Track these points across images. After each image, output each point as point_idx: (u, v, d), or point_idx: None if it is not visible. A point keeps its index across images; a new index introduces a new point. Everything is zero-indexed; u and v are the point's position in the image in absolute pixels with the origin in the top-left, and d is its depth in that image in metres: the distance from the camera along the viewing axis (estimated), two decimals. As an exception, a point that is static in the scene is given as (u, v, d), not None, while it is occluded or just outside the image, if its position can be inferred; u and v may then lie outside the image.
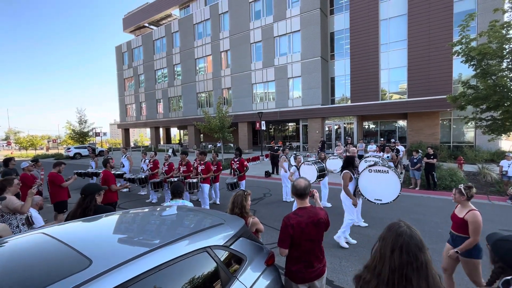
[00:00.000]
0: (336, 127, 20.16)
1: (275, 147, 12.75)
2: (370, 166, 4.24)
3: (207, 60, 26.80)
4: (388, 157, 8.41)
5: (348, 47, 19.78)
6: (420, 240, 1.29)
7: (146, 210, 2.47)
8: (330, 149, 19.80)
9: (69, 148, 26.04)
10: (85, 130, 29.00)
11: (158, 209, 2.48)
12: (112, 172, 9.02)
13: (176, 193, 3.12)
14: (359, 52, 18.89)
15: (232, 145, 25.02)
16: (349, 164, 4.38)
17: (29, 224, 3.20)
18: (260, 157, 16.77)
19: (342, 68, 20.44)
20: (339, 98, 20.93)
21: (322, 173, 6.09)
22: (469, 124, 10.39)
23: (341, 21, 20.22)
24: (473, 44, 8.57)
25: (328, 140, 20.10)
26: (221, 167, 7.34)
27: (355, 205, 4.20)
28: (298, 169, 6.09)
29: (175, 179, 6.51)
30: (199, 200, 6.80)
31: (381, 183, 4.05)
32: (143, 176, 7.83)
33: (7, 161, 5.68)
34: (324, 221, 2.16)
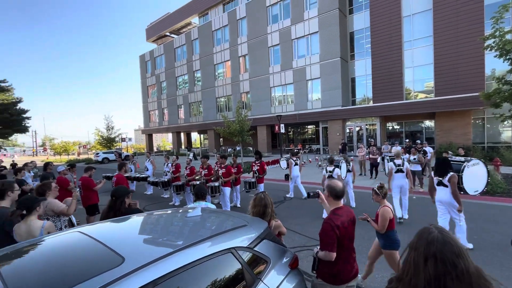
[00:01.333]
0: (357, 128, 19.64)
1: (295, 150, 12.64)
2: (463, 162, 4.38)
3: (226, 66, 27.28)
4: (414, 159, 8.02)
5: (369, 46, 19.26)
6: (456, 245, 1.15)
7: (172, 211, 2.55)
8: (352, 151, 19.27)
9: (97, 153, 27.55)
10: (112, 136, 30.58)
11: (182, 210, 2.55)
12: (137, 175, 9.55)
13: (200, 195, 3.19)
14: (381, 51, 18.32)
15: (251, 148, 25.14)
16: (449, 166, 4.04)
17: (72, 225, 3.42)
18: (279, 159, 16.69)
19: (363, 68, 19.92)
20: (361, 99, 20.40)
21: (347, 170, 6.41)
22: (505, 122, 9.66)
23: (361, 20, 19.76)
24: (508, 37, 8.00)
25: (349, 142, 19.60)
26: (241, 170, 7.42)
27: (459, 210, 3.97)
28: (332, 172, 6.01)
29: (197, 182, 6.64)
30: (220, 203, 6.89)
31: (475, 175, 4.25)
32: (166, 179, 8.08)
33: (46, 165, 6.15)
34: (355, 218, 2.25)
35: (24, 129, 25.43)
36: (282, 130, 17.90)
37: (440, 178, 3.99)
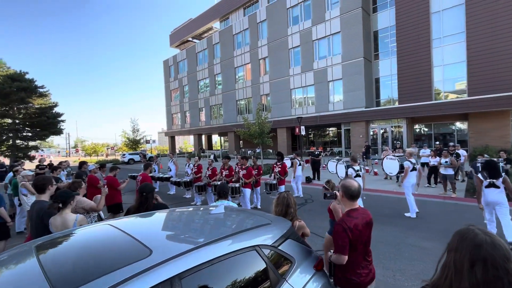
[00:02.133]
0: (382, 131, 18.96)
1: (316, 152, 12.44)
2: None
3: (246, 68, 27.56)
4: (446, 162, 7.54)
5: (394, 45, 18.57)
6: (506, 249, 1.06)
7: (195, 208, 2.59)
8: (376, 155, 18.60)
9: (124, 155, 28.92)
10: (137, 138, 31.94)
11: (205, 208, 2.58)
12: (160, 175, 9.87)
13: (222, 194, 3.22)
14: (408, 49, 17.56)
15: (271, 150, 25.10)
16: (499, 168, 4.42)
17: (101, 221, 3.60)
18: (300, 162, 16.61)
19: (387, 67, 19.22)
20: (385, 100, 19.72)
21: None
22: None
23: (385, 19, 19.11)
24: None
25: (373, 145, 18.94)
26: (261, 171, 7.43)
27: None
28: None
29: (218, 183, 6.72)
30: (241, 204, 6.92)
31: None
32: (188, 180, 8.26)
33: (81, 164, 6.53)
34: (372, 221, 2.16)
35: (59, 131, 27.32)
36: (303, 132, 17.68)
37: (494, 180, 4.26)
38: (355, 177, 6.32)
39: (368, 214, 2.17)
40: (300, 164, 8.69)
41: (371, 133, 19.25)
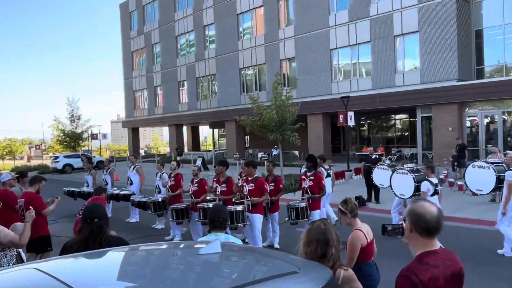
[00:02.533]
0: (486, 120, 18.71)
1: (373, 156, 12.35)
2: None
3: (256, 15, 27.59)
4: None
5: (509, -27, 18.19)
6: None
7: (173, 246, 2.61)
8: (477, 160, 18.28)
9: (56, 157, 29.62)
10: (78, 130, 32.61)
11: (190, 245, 2.59)
12: (115, 192, 10.01)
13: (217, 223, 3.21)
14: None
15: (296, 152, 25.10)
16: None
17: (22, 262, 3.67)
18: (346, 172, 16.50)
19: (497, 13, 18.81)
20: (493, 68, 19.51)
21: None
22: None
23: None
24: None
25: (471, 143, 18.68)
26: (281, 186, 7.40)
27: None
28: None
29: (210, 204, 6.76)
30: (247, 240, 6.95)
31: None
32: (159, 199, 8.35)
33: (-14, 172, 6.71)
34: (463, 272, 2.15)
35: None
36: (351, 122, 17.55)
37: None
38: (432, 195, 6.38)
39: (456, 260, 2.14)
40: (328, 175, 8.90)
41: (468, 124, 19.08)
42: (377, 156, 12.69)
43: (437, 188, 6.51)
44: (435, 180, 6.65)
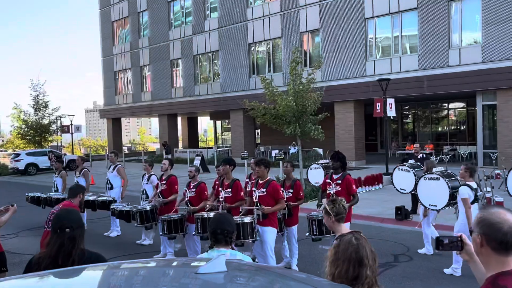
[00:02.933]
0: None
1: (419, 156, 12.29)
2: None
3: (270, -25, 27.50)
4: None
5: None
6: None
7: (165, 264, 2.61)
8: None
9: (17, 155, 29.87)
10: (45, 121, 32.84)
11: (187, 262, 2.60)
12: (91, 198, 10.02)
13: (220, 236, 3.24)
14: None
15: (319, 150, 25.02)
16: None
17: None
18: (383, 176, 16.49)
19: None
20: None
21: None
22: None
23: None
24: None
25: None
26: (301, 193, 7.43)
27: None
28: None
29: (211, 214, 6.80)
30: (256, 260, 6.97)
31: None
32: (147, 208, 8.36)
33: None
34: None
35: None
36: (391, 112, 17.42)
37: None
38: (472, 203, 6.71)
39: None
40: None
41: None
42: (424, 156, 12.61)
43: (478, 194, 6.78)
44: (474, 185, 6.88)
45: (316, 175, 11.75)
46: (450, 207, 7.85)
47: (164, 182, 8.59)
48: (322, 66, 22.39)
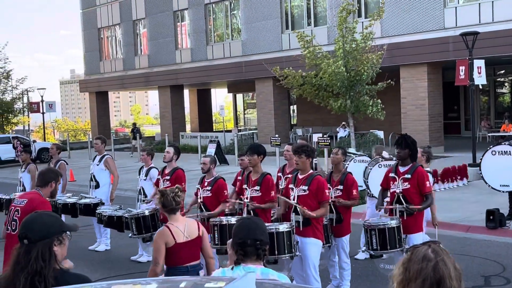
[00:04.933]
0: None
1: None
2: None
3: None
4: None
5: None
6: None
7: (172, 284, 2.66)
8: None
9: (-27, 144, 30.57)
10: (7, 97, 33.45)
11: (203, 283, 2.64)
12: (70, 200, 10.14)
13: (251, 248, 3.30)
14: None
15: (380, 133, 24.90)
16: None
17: None
18: (468, 167, 16.42)
19: None
20: None
21: None
22: None
23: None
24: None
25: None
26: (354, 191, 7.55)
27: None
28: None
29: (232, 220, 6.87)
30: (294, 281, 7.03)
31: None
32: (145, 213, 8.51)
33: None
34: None
35: None
36: (480, 80, 17.20)
37: None
38: None
39: None
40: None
41: None
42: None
43: None
44: None
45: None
46: None
47: (167, 177, 8.68)
48: (383, 17, 22.27)
